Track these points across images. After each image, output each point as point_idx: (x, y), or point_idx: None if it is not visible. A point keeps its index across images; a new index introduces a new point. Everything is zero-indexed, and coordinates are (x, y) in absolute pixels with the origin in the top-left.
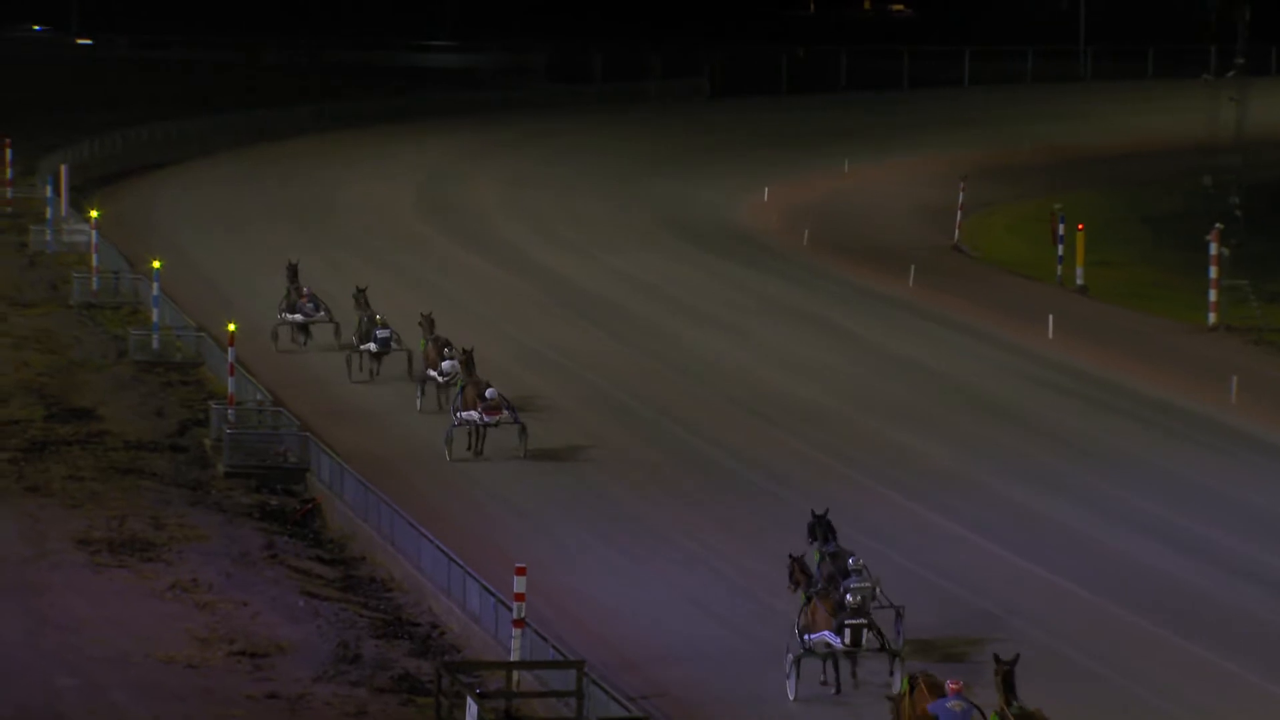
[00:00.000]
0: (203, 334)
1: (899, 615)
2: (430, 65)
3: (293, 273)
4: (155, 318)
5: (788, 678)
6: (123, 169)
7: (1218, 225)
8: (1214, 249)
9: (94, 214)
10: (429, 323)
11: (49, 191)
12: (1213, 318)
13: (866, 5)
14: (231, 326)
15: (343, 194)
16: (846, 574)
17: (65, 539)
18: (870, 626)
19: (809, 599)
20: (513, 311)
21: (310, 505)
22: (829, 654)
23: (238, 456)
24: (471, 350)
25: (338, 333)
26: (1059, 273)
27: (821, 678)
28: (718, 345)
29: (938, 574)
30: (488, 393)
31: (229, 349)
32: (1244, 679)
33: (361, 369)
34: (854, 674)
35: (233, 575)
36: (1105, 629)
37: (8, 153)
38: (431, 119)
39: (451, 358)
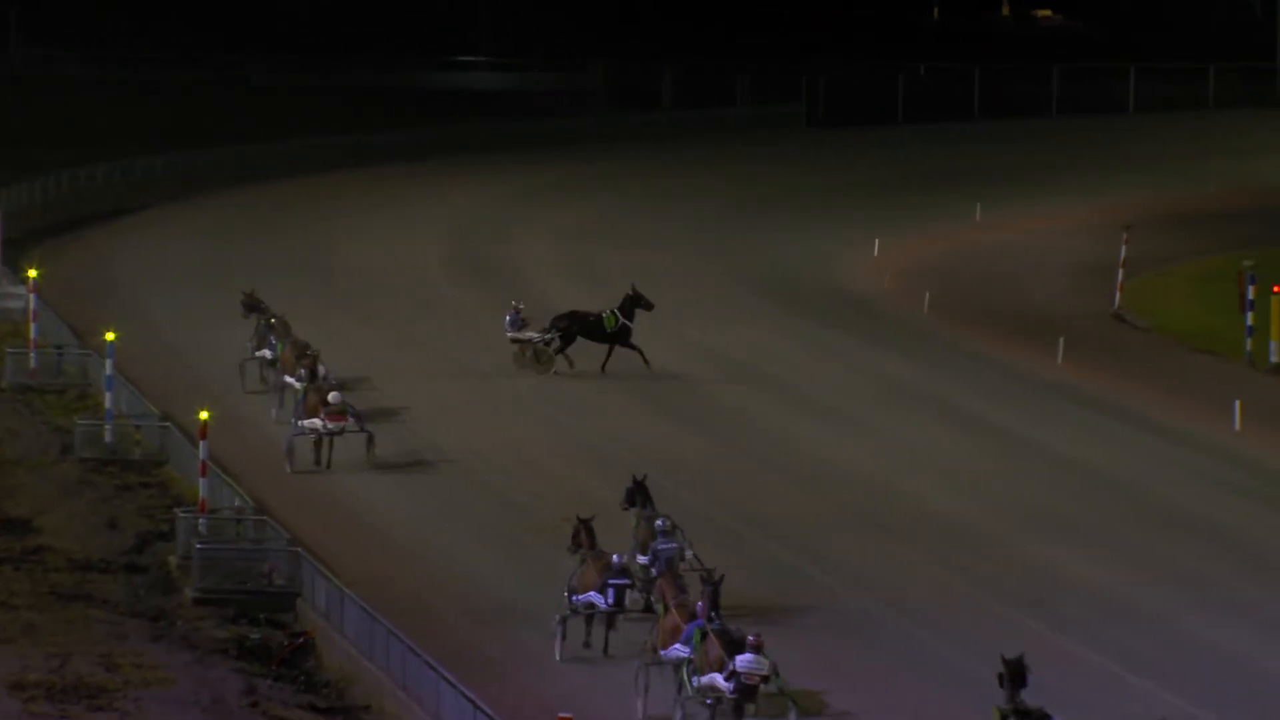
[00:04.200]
0: (167, 425)
1: (716, 581)
2: (462, 88)
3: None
4: (108, 404)
5: (553, 638)
6: (70, 218)
7: None
8: None
9: (32, 273)
10: (283, 325)
11: None
12: None
13: (1005, 11)
14: (204, 415)
15: (351, 248)
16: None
17: None
18: (634, 587)
19: (583, 561)
20: (567, 399)
21: (301, 639)
22: (593, 612)
23: (211, 578)
24: (317, 353)
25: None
26: (1248, 347)
27: (584, 638)
28: (823, 438)
29: None
30: (330, 397)
31: (200, 443)
32: None
33: (256, 377)
34: (606, 635)
35: None
36: None
37: None
38: (464, 155)
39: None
